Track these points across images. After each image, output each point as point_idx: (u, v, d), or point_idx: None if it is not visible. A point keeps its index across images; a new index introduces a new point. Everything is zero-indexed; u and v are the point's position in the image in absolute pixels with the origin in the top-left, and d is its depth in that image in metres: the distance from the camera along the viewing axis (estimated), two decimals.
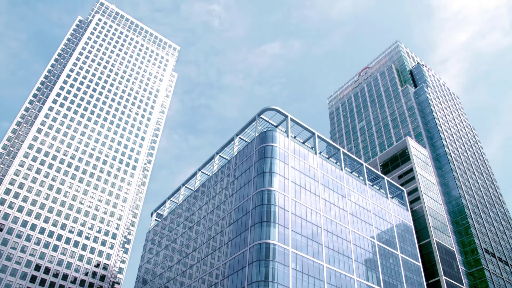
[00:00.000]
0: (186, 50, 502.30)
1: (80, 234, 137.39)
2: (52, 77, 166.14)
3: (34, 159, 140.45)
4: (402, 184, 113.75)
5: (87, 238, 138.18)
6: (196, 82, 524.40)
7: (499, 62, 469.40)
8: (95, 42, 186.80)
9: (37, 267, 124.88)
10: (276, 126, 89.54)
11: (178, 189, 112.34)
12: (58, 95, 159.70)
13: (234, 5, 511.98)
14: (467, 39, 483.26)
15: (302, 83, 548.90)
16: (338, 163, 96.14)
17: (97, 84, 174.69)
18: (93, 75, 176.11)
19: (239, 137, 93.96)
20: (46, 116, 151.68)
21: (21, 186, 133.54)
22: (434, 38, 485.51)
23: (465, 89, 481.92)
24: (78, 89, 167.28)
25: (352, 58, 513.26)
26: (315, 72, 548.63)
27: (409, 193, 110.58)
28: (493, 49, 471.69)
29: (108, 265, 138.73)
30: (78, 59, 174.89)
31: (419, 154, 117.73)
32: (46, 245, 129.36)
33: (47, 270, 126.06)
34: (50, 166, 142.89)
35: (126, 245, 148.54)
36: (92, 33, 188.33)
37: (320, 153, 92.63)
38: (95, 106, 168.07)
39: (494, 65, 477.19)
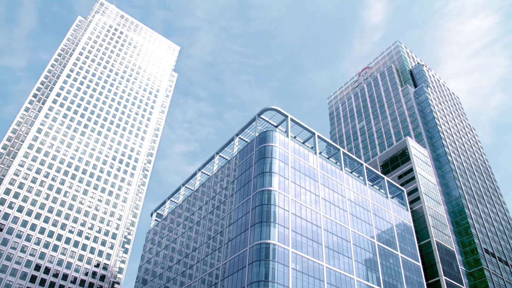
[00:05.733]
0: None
1: (80, 234, 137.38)
2: (52, 77, 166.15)
3: (34, 159, 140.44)
4: (402, 184, 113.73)
5: (87, 238, 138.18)
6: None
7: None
8: (95, 42, 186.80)
9: (37, 267, 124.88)
10: (276, 126, 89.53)
11: (178, 189, 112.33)
12: (58, 95, 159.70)
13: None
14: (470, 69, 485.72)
15: (303, 83, 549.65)
16: (338, 163, 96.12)
17: (97, 84, 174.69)
18: (93, 75, 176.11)
19: (239, 137, 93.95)
20: (46, 116, 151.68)
21: (21, 186, 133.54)
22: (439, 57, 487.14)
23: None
24: (78, 89, 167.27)
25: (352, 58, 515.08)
26: (315, 72, 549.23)
27: (409, 193, 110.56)
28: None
29: (108, 265, 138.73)
30: (78, 59, 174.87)
31: (419, 154, 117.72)
32: (46, 245, 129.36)
33: (47, 270, 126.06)
34: (50, 166, 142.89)
35: (126, 245, 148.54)
36: (92, 33, 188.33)
37: (320, 153, 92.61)
38: (95, 106, 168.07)
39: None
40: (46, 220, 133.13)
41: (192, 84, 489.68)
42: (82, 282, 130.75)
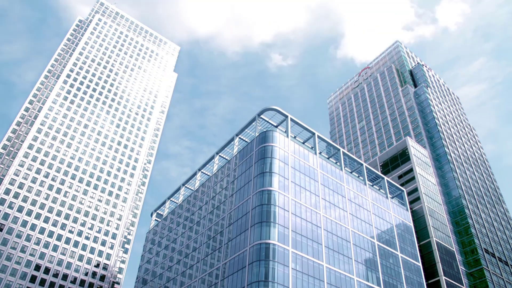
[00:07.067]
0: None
1: (80, 234, 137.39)
2: (52, 77, 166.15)
3: (34, 159, 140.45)
4: (402, 184, 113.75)
5: (87, 238, 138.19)
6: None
7: None
8: (95, 42, 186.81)
9: (37, 267, 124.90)
10: (276, 126, 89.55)
11: (178, 189, 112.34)
12: (58, 95, 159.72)
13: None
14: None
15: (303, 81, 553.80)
16: (338, 163, 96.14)
17: (97, 84, 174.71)
18: (93, 75, 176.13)
19: (239, 137, 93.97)
20: (46, 116, 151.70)
21: (21, 186, 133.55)
22: None
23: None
24: (78, 89, 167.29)
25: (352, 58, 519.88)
26: (315, 72, 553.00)
27: (409, 193, 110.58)
28: None
29: (108, 265, 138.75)
30: (78, 59, 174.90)
31: (419, 154, 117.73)
32: (46, 245, 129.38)
33: (47, 270, 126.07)
34: (50, 166, 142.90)
35: (126, 245, 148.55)
36: (92, 33, 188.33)
37: (320, 153, 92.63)
38: (95, 106, 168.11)
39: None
40: (46, 220, 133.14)
41: (215, 136, 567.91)
42: (82, 282, 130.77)
